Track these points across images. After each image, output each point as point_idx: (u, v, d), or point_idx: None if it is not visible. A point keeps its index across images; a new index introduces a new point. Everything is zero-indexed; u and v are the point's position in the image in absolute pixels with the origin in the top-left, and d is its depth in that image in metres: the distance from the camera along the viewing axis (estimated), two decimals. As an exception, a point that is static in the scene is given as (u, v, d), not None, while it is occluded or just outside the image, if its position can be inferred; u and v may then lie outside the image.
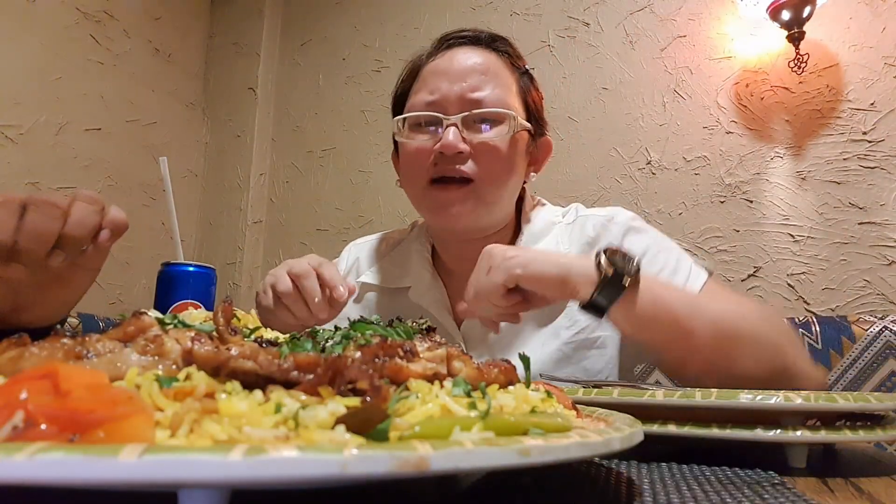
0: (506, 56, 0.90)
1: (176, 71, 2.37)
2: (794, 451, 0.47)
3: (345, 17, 2.34)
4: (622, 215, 0.91)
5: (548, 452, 0.25)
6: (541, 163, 0.94)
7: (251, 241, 2.32)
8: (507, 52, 0.90)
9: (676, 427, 0.48)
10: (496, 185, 0.84)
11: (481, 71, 0.85)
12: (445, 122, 0.83)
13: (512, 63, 0.90)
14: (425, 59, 0.91)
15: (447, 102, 0.84)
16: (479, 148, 0.83)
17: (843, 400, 0.45)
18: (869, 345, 1.22)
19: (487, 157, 0.83)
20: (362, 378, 0.29)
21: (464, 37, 0.91)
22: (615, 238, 0.88)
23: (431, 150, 0.83)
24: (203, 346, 0.30)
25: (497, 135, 0.83)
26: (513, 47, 0.92)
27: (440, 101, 0.84)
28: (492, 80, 0.85)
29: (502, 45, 0.91)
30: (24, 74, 1.84)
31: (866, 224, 1.51)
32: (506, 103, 0.84)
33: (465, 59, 0.87)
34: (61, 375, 0.25)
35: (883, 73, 1.53)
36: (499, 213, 0.89)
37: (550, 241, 0.92)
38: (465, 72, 0.85)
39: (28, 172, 1.84)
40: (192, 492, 0.22)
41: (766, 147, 1.64)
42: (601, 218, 0.92)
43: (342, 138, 2.28)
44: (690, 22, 1.77)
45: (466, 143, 0.82)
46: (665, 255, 0.85)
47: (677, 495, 0.35)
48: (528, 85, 0.91)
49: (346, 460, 0.21)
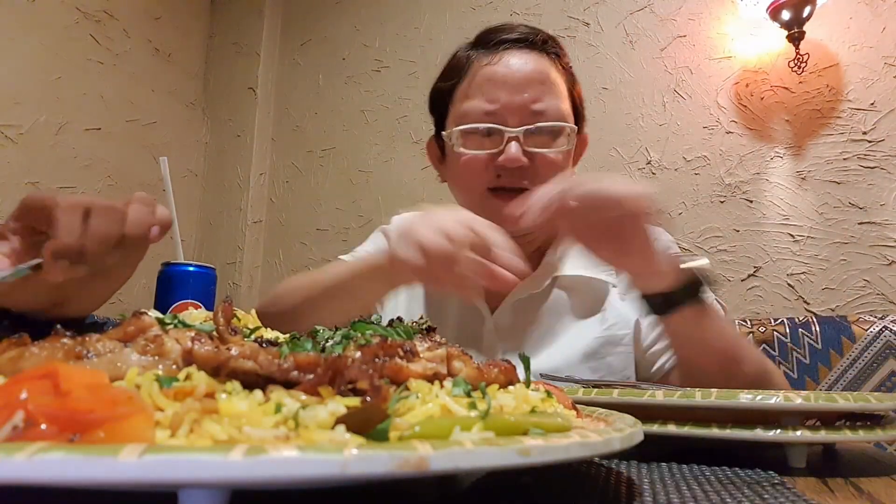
0: (556, 58, 0.89)
1: (176, 71, 2.37)
2: (793, 451, 0.46)
3: (345, 17, 2.34)
4: (665, 234, 0.93)
5: (548, 452, 0.25)
6: (579, 158, 0.95)
7: (251, 240, 2.33)
8: (557, 53, 0.89)
9: (676, 427, 0.48)
10: None
11: (540, 80, 0.84)
12: (507, 135, 0.83)
13: (561, 65, 0.89)
14: (476, 60, 0.89)
15: (508, 114, 0.83)
16: (538, 160, 0.83)
17: (842, 400, 0.45)
18: (869, 345, 1.22)
19: (546, 170, 0.83)
20: (362, 378, 0.29)
21: (518, 39, 0.88)
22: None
23: (489, 161, 0.84)
24: (203, 346, 0.30)
25: (557, 148, 0.84)
26: (560, 47, 0.91)
27: (501, 111, 0.84)
28: (550, 90, 0.85)
29: (552, 46, 0.89)
30: (23, 74, 1.84)
31: (866, 224, 1.51)
32: (564, 115, 0.85)
33: (522, 65, 0.85)
34: (61, 375, 0.25)
35: (883, 72, 1.53)
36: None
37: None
38: (525, 81, 0.84)
39: (28, 172, 1.84)
40: (193, 492, 0.22)
41: (766, 147, 1.64)
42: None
43: (342, 138, 2.28)
44: (690, 22, 1.77)
45: (527, 155, 0.83)
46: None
47: (677, 495, 0.35)
48: (573, 83, 0.91)
49: (346, 460, 0.21)
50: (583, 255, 0.90)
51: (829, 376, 1.24)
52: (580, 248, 0.90)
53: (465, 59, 0.90)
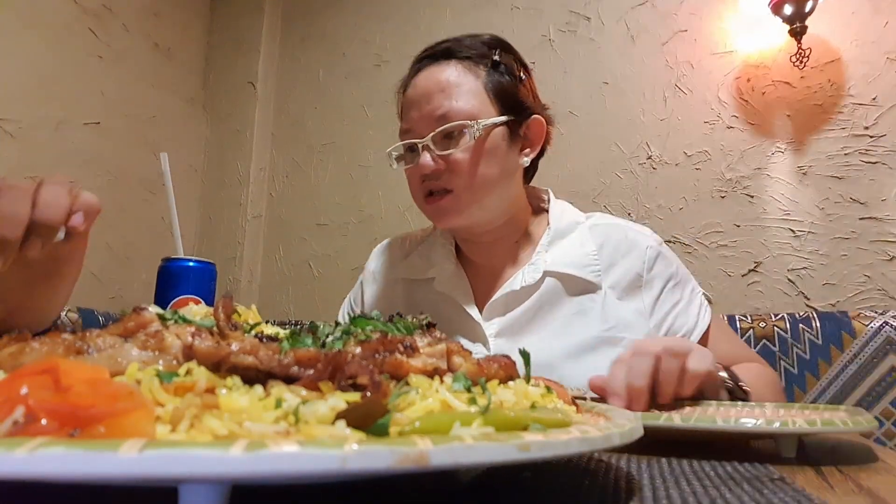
0: (466, 60, 0.92)
1: (176, 66, 2.36)
2: (784, 442, 0.48)
3: (345, 13, 2.33)
4: (654, 238, 0.96)
5: (547, 448, 0.25)
6: (535, 143, 0.95)
7: (251, 235, 2.32)
8: (468, 55, 0.92)
9: (679, 420, 0.49)
10: (475, 189, 0.89)
11: (439, 89, 0.89)
12: (420, 146, 0.89)
13: (475, 62, 0.92)
14: (404, 87, 0.97)
15: (419, 128, 0.90)
16: (451, 161, 0.88)
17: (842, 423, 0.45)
18: (869, 340, 1.22)
19: (459, 168, 0.88)
20: (362, 373, 0.29)
21: (426, 56, 0.95)
22: (643, 256, 0.93)
23: (417, 172, 0.91)
24: (203, 341, 0.30)
25: (461, 146, 0.88)
26: (475, 46, 0.93)
27: (413, 128, 0.91)
28: (450, 94, 0.89)
29: (462, 49, 0.92)
30: (23, 69, 1.84)
31: (867, 219, 1.50)
32: (466, 113, 0.88)
33: (426, 80, 0.91)
34: (62, 371, 0.25)
35: (885, 68, 1.53)
36: (493, 208, 0.93)
37: (575, 240, 0.95)
38: (427, 95, 0.90)
39: (27, 167, 1.84)
40: (193, 486, 0.22)
41: (768, 142, 1.63)
42: (632, 231, 0.96)
43: (342, 133, 2.28)
44: (692, 17, 1.77)
45: (441, 158, 0.88)
46: (682, 287, 0.93)
47: (677, 491, 0.35)
48: (499, 75, 0.92)
49: (346, 455, 0.21)
50: (568, 250, 0.94)
51: (830, 372, 1.24)
52: (567, 243, 0.95)
53: (401, 89, 0.98)
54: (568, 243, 0.95)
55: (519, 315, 0.91)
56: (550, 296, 0.91)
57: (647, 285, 0.91)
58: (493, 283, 0.96)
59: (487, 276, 0.97)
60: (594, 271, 0.91)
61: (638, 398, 0.62)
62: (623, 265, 0.92)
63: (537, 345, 0.87)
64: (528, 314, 0.91)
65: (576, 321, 0.89)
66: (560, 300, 0.91)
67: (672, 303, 0.91)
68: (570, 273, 0.91)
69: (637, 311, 0.90)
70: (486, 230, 0.95)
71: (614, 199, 1.77)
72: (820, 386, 1.25)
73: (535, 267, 0.92)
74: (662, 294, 0.91)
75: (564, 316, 0.90)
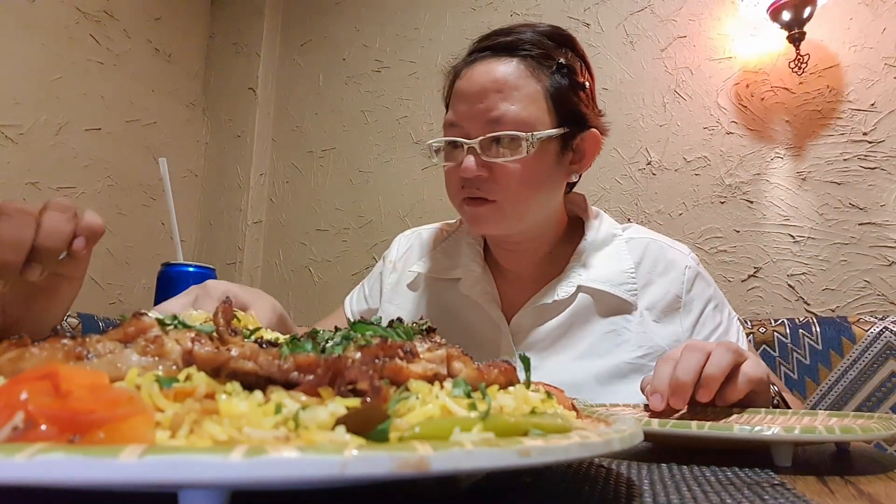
0: (530, 59, 0.85)
1: (176, 71, 2.37)
2: (779, 450, 0.47)
3: (345, 18, 2.34)
4: (691, 257, 0.92)
5: (548, 453, 0.25)
6: (587, 157, 0.90)
7: (251, 241, 2.32)
8: (532, 54, 0.85)
9: (677, 424, 0.48)
10: (518, 203, 0.84)
11: (497, 88, 0.82)
12: (465, 147, 0.83)
13: (539, 63, 0.85)
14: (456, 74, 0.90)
15: (468, 126, 0.84)
16: (496, 170, 0.82)
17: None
18: (869, 345, 1.22)
19: (506, 180, 0.82)
20: (362, 379, 0.29)
21: (486, 46, 0.88)
22: (682, 277, 0.89)
23: (457, 172, 0.84)
24: (203, 346, 0.30)
25: (513, 157, 0.81)
26: (541, 44, 0.86)
27: (461, 123, 0.84)
28: (509, 96, 0.82)
29: (526, 46, 0.85)
30: (23, 74, 1.84)
31: (866, 225, 1.51)
32: (522, 121, 0.81)
33: (483, 75, 0.84)
34: (62, 376, 0.25)
35: (883, 73, 1.54)
36: (533, 221, 0.88)
37: (612, 253, 0.91)
38: (483, 92, 0.83)
39: (28, 172, 1.84)
40: (193, 492, 0.22)
41: (767, 147, 1.64)
42: (670, 249, 0.92)
43: (342, 138, 2.28)
44: (691, 22, 1.77)
45: (486, 165, 0.82)
46: (721, 311, 0.90)
47: (677, 496, 0.35)
48: (563, 81, 0.85)
49: (346, 461, 0.21)
50: (605, 265, 0.88)
51: (830, 377, 1.24)
52: (603, 256, 0.90)
53: (453, 72, 0.91)
54: (605, 256, 0.90)
55: (550, 331, 0.87)
56: (583, 312, 0.87)
57: (685, 308, 0.87)
58: (521, 291, 0.91)
59: (515, 283, 0.93)
60: (630, 290, 0.87)
61: (682, 392, 0.57)
62: (660, 285, 0.88)
63: (565, 364, 0.85)
64: (559, 330, 0.87)
65: (608, 343, 0.85)
66: (592, 318, 0.87)
67: (712, 327, 0.87)
68: (606, 290, 0.87)
69: (674, 336, 0.85)
70: (523, 239, 0.91)
71: (614, 205, 1.77)
72: (820, 391, 1.24)
73: (569, 281, 0.88)
74: (702, 317, 0.87)
75: (596, 335, 0.86)
